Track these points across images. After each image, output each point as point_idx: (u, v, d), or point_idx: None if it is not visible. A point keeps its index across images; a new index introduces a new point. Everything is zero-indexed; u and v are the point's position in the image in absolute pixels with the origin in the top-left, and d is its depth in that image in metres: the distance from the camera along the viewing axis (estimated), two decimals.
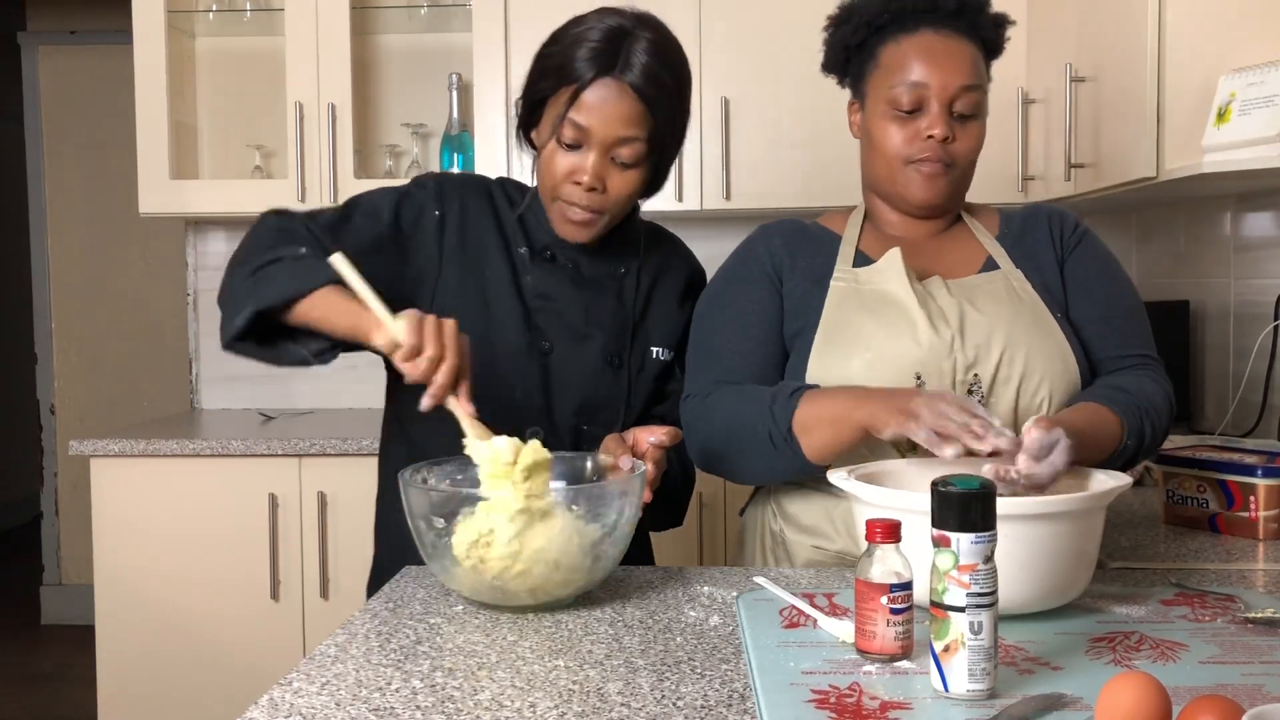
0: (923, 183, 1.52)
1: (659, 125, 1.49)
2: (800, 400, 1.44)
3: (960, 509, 1.00)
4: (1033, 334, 1.47)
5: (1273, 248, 2.41)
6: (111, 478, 2.79)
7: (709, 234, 3.33)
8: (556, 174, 1.50)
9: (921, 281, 1.51)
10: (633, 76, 1.45)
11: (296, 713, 0.99)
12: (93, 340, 4.83)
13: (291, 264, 1.43)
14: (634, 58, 1.46)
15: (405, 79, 3.36)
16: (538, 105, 1.54)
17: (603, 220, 1.54)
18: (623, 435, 1.47)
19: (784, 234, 1.61)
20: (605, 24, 1.48)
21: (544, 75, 1.51)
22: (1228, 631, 1.17)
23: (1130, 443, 1.43)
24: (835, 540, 1.51)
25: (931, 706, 0.98)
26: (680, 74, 1.52)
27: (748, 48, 2.97)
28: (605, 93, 1.46)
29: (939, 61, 1.49)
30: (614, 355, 1.61)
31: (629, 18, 1.50)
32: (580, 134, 1.47)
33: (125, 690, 2.78)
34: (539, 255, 1.60)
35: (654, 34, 1.49)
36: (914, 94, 1.49)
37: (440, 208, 1.58)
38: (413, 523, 1.31)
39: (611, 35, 1.47)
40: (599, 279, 1.62)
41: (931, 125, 1.49)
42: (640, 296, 1.65)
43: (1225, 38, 2.08)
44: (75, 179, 4.83)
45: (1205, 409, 2.65)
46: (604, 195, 1.51)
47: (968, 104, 1.49)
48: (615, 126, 1.46)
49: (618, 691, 1.03)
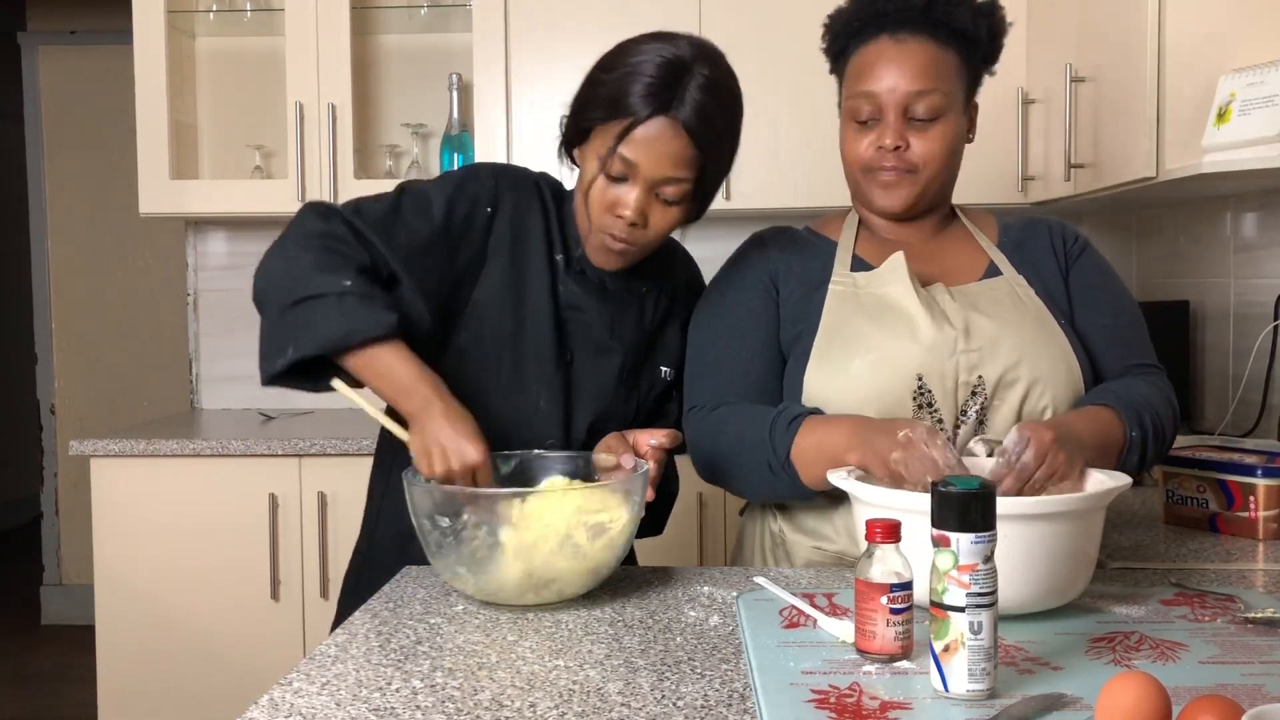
0: (882, 192, 1.53)
1: (708, 166, 1.47)
2: (799, 429, 1.43)
3: (960, 509, 1.00)
4: (1037, 340, 1.47)
5: (1273, 248, 2.41)
6: (111, 478, 2.79)
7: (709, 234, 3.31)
8: (599, 204, 1.47)
9: (925, 288, 1.50)
10: (687, 116, 1.41)
11: (296, 713, 0.99)
12: (93, 340, 4.83)
13: (335, 304, 1.36)
14: (689, 95, 1.41)
15: (405, 79, 3.36)
16: (586, 130, 1.50)
17: (636, 251, 1.52)
18: (623, 434, 1.48)
19: (778, 241, 1.61)
20: (662, 57, 1.43)
21: (596, 104, 1.46)
22: (1228, 631, 1.17)
23: (1134, 435, 1.42)
24: (835, 541, 1.51)
25: (931, 706, 0.98)
26: (734, 115, 1.50)
27: (748, 48, 2.95)
28: (658, 131, 1.42)
29: (890, 69, 1.48)
30: (630, 372, 1.61)
31: (686, 49, 1.45)
32: (628, 169, 1.44)
33: (125, 690, 2.78)
34: (572, 265, 1.58)
35: (711, 70, 1.45)
36: (869, 104, 1.50)
37: (494, 205, 1.54)
38: (417, 521, 1.32)
39: (668, 70, 1.42)
40: (623, 294, 1.60)
41: (883, 135, 1.50)
42: (659, 314, 1.64)
43: (1225, 38, 2.08)
44: (75, 179, 4.83)
45: (1205, 409, 2.65)
46: (643, 230, 1.49)
47: (926, 108, 1.48)
48: (664, 166, 1.43)
49: (618, 691, 1.03)
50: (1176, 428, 1.52)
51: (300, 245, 1.42)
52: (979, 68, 1.56)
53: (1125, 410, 1.43)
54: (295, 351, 1.35)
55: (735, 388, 1.53)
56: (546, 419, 1.56)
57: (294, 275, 1.39)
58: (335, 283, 1.37)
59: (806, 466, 1.43)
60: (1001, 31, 1.55)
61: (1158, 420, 1.46)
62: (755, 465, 1.47)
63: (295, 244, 1.42)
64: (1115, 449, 1.42)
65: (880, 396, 1.43)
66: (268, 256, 1.44)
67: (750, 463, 1.47)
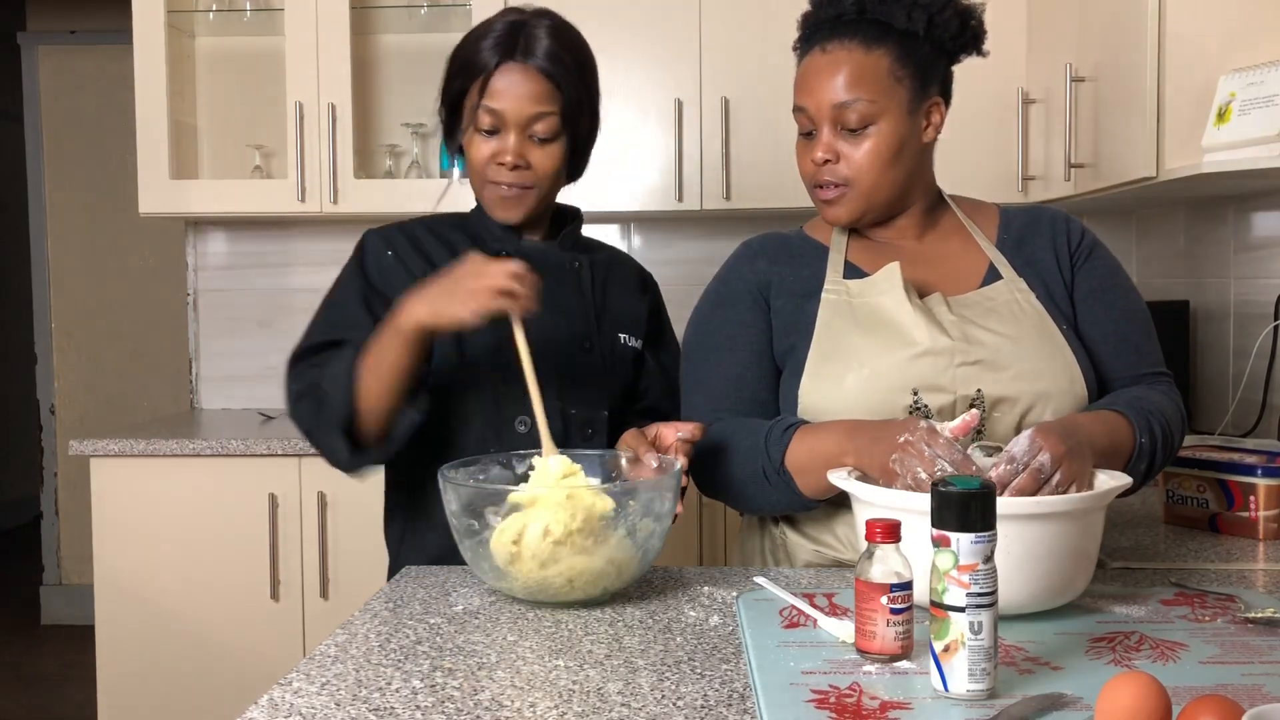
0: (825, 206, 1.53)
1: (567, 100, 1.57)
2: (792, 438, 1.43)
3: (960, 509, 1.00)
4: (1039, 353, 1.44)
5: (1273, 248, 2.41)
6: (111, 478, 2.79)
7: (709, 234, 3.33)
8: (481, 159, 1.58)
9: (922, 299, 1.47)
10: (536, 59, 1.55)
11: (296, 713, 0.99)
12: (93, 340, 4.83)
13: (332, 372, 1.49)
14: (535, 43, 1.55)
15: (405, 79, 3.36)
16: (456, 108, 1.61)
17: (532, 195, 1.60)
18: (643, 430, 1.48)
19: (767, 251, 1.58)
20: (505, 20, 1.58)
21: (454, 75, 1.60)
22: (1228, 631, 1.17)
23: (1144, 442, 1.40)
24: (835, 548, 1.50)
25: (931, 706, 0.98)
26: (581, 54, 1.61)
27: (748, 48, 2.96)
28: (512, 76, 1.55)
29: (814, 82, 1.49)
30: (584, 338, 1.64)
31: (527, 13, 1.60)
32: (495, 118, 1.56)
33: (125, 690, 2.78)
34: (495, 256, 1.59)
35: (551, 19, 1.59)
36: (802, 119, 1.51)
37: (391, 248, 1.64)
38: (454, 521, 1.34)
39: (511, 26, 1.57)
40: (554, 270, 1.64)
41: (813, 149, 1.50)
42: (597, 287, 1.69)
43: (1225, 38, 2.08)
44: (75, 179, 4.83)
45: (1205, 409, 2.65)
46: (529, 171, 1.58)
47: (854, 117, 1.46)
48: (526, 105, 1.55)
49: (618, 691, 1.03)
50: (1184, 436, 1.51)
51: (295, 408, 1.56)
52: (934, 60, 1.50)
53: (1136, 417, 1.41)
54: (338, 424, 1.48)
55: (728, 402, 1.52)
56: (510, 397, 1.56)
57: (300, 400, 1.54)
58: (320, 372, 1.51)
59: (802, 473, 1.41)
60: (970, 15, 1.50)
61: (1167, 429, 1.44)
62: (751, 476, 1.46)
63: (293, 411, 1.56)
64: (1124, 454, 1.39)
65: (875, 411, 1.41)
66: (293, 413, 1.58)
67: (748, 474, 1.46)
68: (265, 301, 3.44)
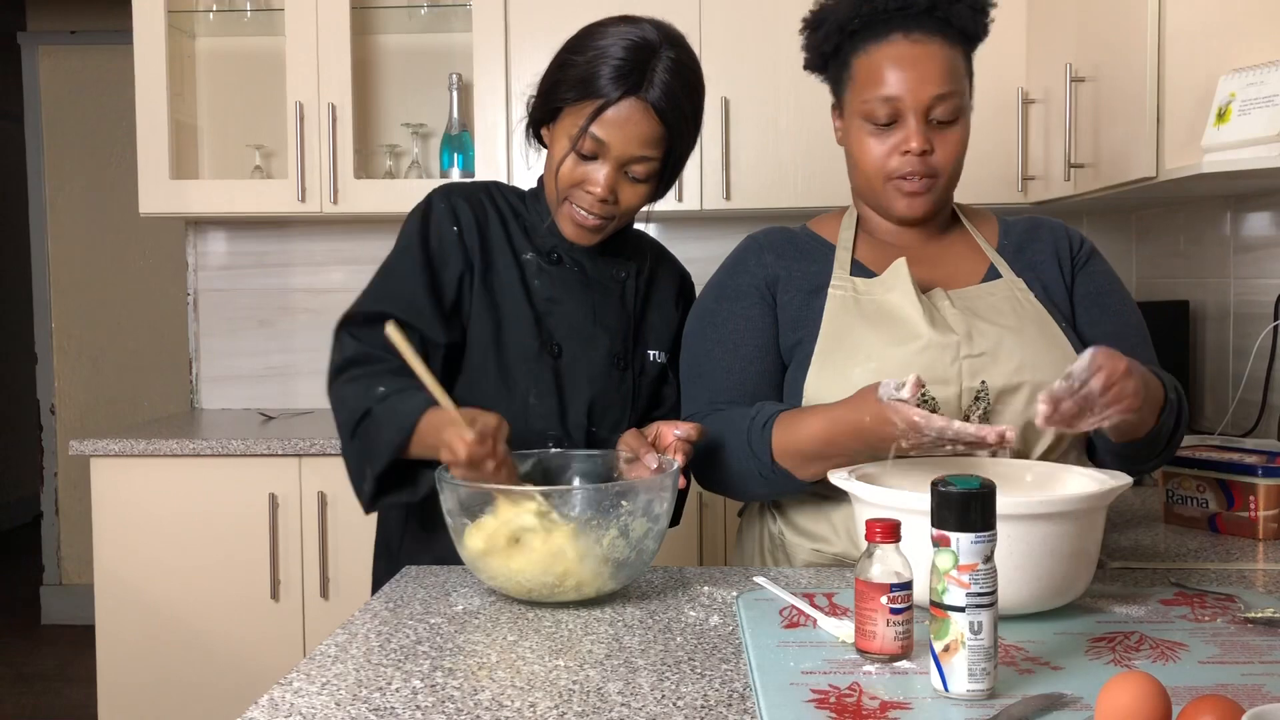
0: (905, 200, 1.50)
1: (674, 147, 1.53)
2: (773, 431, 1.43)
3: (960, 509, 1.00)
4: (1039, 345, 1.46)
5: (1272, 248, 2.41)
6: (111, 478, 2.79)
7: (709, 234, 3.33)
8: (570, 180, 1.53)
9: (926, 294, 1.49)
10: (655, 97, 1.48)
11: (296, 713, 0.99)
12: (93, 340, 4.83)
13: (380, 411, 1.46)
14: (657, 77, 1.48)
15: (405, 79, 3.36)
16: (555, 110, 1.55)
17: (609, 227, 1.57)
18: (642, 431, 1.48)
19: (774, 245, 1.58)
20: (630, 40, 1.49)
21: (566, 85, 1.52)
22: (1228, 631, 1.17)
23: (1172, 398, 1.42)
24: (835, 543, 1.51)
25: (931, 706, 0.98)
26: (699, 95, 1.56)
27: (748, 48, 2.96)
28: (628, 112, 1.48)
29: (911, 71, 1.44)
30: (619, 357, 1.63)
31: (652, 32, 1.51)
32: (599, 148, 1.50)
33: (125, 690, 2.78)
34: (546, 258, 1.61)
35: (676, 53, 1.51)
36: (888, 108, 1.46)
37: (455, 221, 1.60)
38: (450, 520, 1.34)
39: (636, 53, 1.48)
40: (603, 281, 1.63)
41: (909, 139, 1.46)
42: (640, 299, 1.67)
43: (1225, 38, 2.08)
44: (75, 179, 4.83)
45: (1205, 409, 2.65)
46: (614, 206, 1.54)
47: (946, 110, 1.46)
48: (634, 146, 1.49)
49: (618, 691, 1.03)
50: (1186, 426, 1.51)
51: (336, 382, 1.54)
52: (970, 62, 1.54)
53: (1162, 376, 1.44)
54: (373, 472, 1.47)
55: (727, 394, 1.53)
56: (539, 413, 1.58)
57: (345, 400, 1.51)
58: (374, 393, 1.48)
59: (796, 467, 1.43)
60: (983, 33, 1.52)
61: (1181, 399, 1.47)
62: (748, 473, 1.47)
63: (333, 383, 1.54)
64: (1158, 402, 1.40)
65: None
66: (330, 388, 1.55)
67: (741, 469, 1.47)
68: (265, 301, 3.44)
